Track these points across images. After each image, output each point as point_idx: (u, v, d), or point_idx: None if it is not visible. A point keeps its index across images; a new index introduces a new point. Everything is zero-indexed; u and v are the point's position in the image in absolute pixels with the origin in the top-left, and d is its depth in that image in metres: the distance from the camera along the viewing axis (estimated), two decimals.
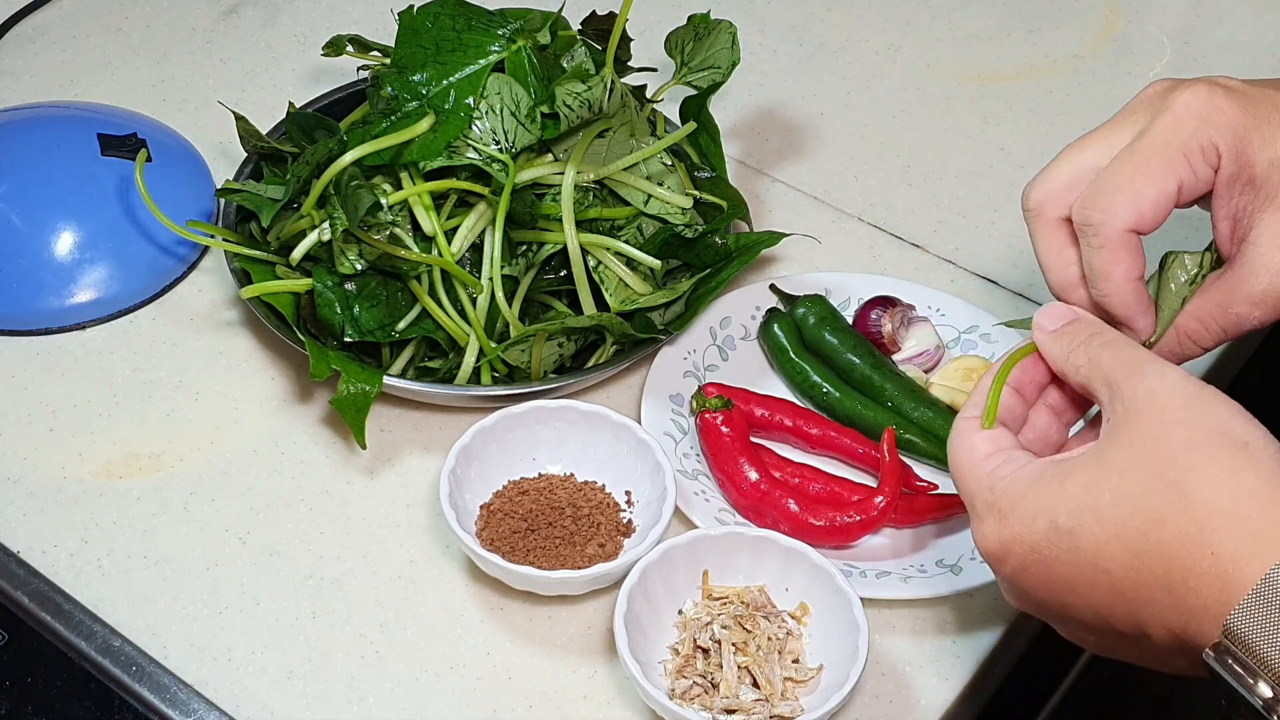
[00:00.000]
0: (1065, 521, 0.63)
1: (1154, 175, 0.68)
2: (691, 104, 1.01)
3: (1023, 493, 0.65)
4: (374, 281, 0.92)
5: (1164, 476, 0.61)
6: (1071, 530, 0.63)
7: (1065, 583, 0.64)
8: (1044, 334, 0.70)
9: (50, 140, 1.03)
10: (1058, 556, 0.63)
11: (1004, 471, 0.66)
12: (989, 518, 0.66)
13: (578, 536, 0.86)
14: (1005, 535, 0.65)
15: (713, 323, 0.98)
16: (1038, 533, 0.64)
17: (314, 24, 1.24)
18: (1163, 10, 1.28)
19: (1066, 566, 0.63)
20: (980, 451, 0.68)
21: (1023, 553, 0.64)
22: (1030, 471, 0.66)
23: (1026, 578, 0.65)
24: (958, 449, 0.69)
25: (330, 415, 0.95)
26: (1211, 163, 0.69)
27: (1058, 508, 0.63)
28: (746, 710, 0.79)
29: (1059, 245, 0.72)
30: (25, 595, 0.85)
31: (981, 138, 1.16)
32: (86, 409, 0.95)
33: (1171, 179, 0.68)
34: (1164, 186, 0.68)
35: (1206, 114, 0.68)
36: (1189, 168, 0.68)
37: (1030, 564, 0.64)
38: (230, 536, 0.88)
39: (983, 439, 0.69)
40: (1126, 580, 0.61)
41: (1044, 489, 0.64)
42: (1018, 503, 0.65)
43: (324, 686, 0.82)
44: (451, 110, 0.92)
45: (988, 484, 0.67)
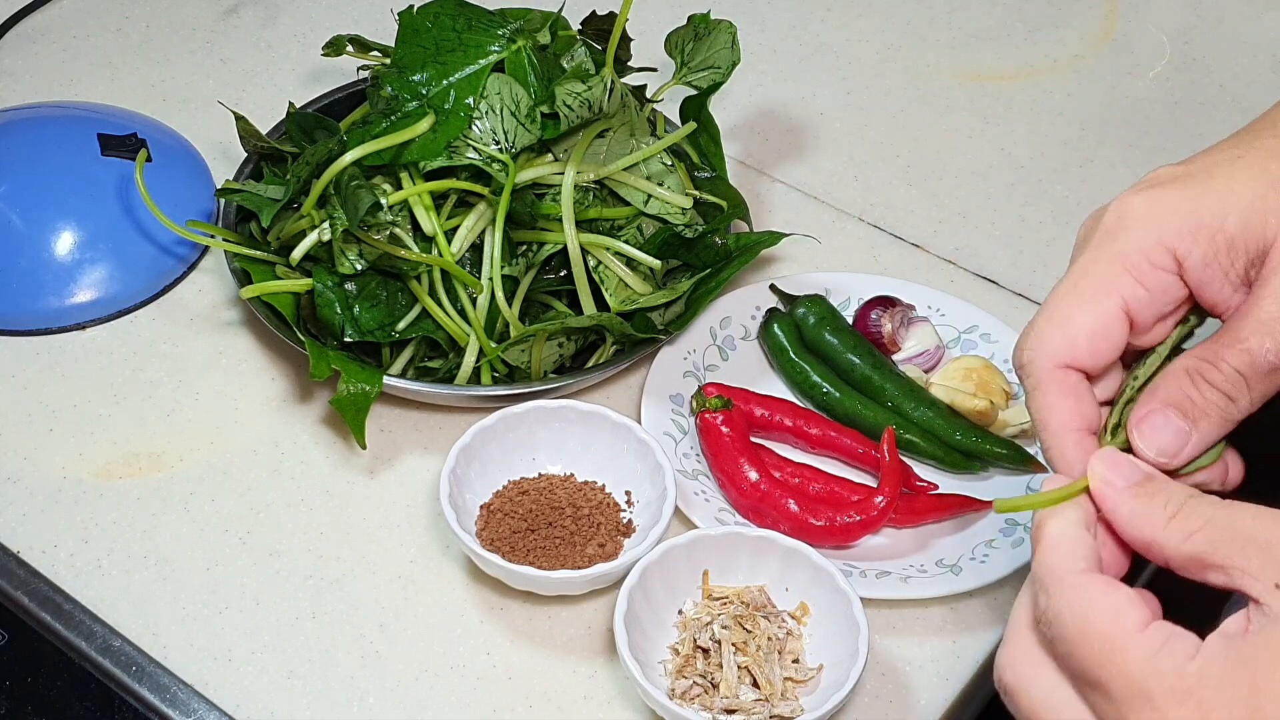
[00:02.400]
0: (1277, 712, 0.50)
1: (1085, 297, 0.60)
2: (691, 104, 1.01)
3: (1229, 681, 0.52)
4: (374, 281, 0.92)
5: None
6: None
7: None
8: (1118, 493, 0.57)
9: (50, 140, 1.03)
10: None
11: (1185, 652, 0.53)
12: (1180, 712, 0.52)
13: (578, 536, 0.86)
14: None
15: (713, 323, 0.98)
16: None
17: (314, 24, 1.24)
18: (1163, 10, 1.28)
19: None
20: (1132, 621, 0.54)
21: None
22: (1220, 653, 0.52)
23: None
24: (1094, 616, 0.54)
25: (330, 415, 0.95)
26: (1164, 265, 0.60)
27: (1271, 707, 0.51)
28: (746, 710, 0.79)
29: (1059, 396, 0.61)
30: (25, 595, 0.85)
31: (981, 138, 1.16)
32: (86, 409, 0.95)
33: (1108, 299, 0.59)
34: (1098, 309, 0.59)
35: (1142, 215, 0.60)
36: (1132, 281, 0.59)
37: None
38: (230, 536, 0.88)
39: (1127, 601, 0.54)
40: None
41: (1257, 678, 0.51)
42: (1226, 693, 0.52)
43: (324, 686, 0.82)
44: (451, 110, 0.92)
45: (1171, 669, 0.52)
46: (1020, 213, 1.10)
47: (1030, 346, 0.60)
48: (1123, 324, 0.60)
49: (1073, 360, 0.60)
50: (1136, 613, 0.54)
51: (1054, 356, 0.60)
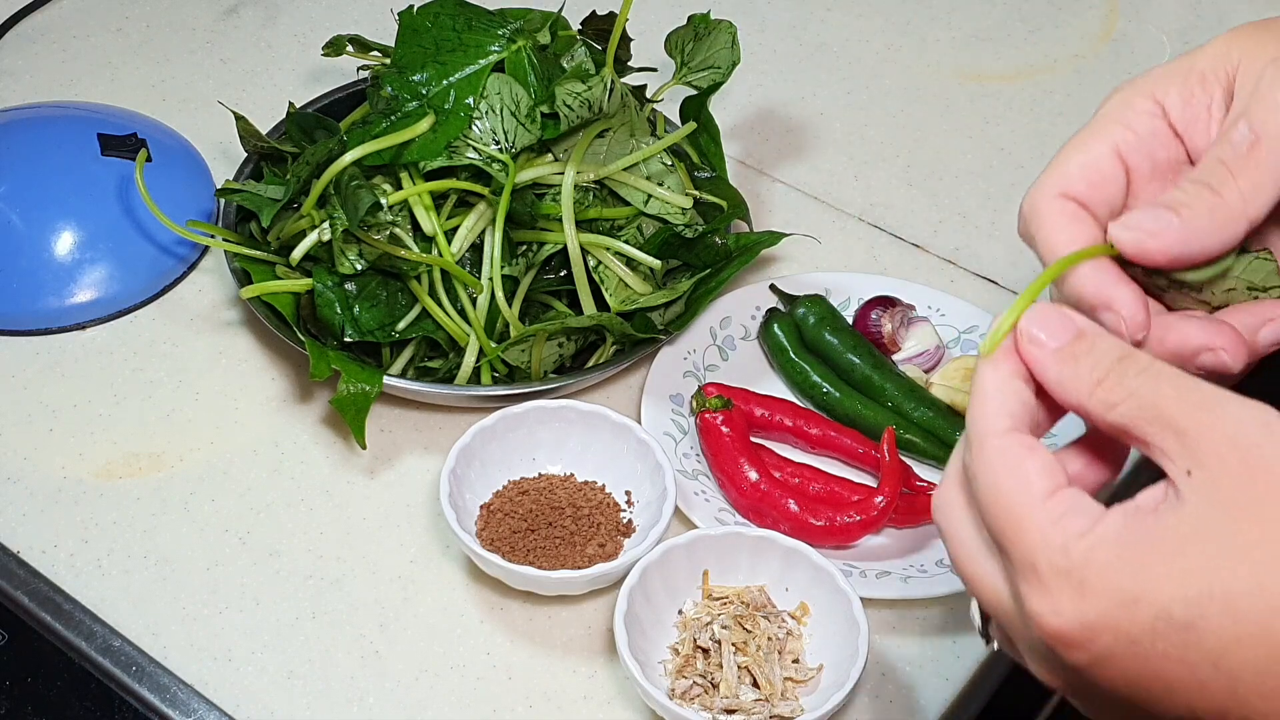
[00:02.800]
0: (1183, 612, 0.49)
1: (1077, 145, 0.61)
2: (691, 104, 1.01)
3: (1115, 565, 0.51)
4: (374, 281, 0.92)
5: None
6: (1189, 623, 0.49)
7: (1162, 680, 0.51)
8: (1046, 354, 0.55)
9: (50, 140, 1.03)
10: (1164, 653, 0.50)
11: (1077, 525, 0.52)
12: (1061, 589, 0.51)
13: (578, 536, 0.86)
14: (1088, 617, 0.51)
15: (713, 323, 0.98)
16: (1138, 621, 0.50)
17: (314, 24, 1.24)
18: (1163, 10, 1.28)
19: (1174, 664, 0.50)
20: (1037, 488, 0.53)
21: (1111, 642, 0.51)
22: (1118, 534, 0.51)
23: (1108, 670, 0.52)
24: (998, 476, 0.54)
25: (330, 415, 0.95)
26: (1148, 110, 0.61)
27: (1169, 592, 0.50)
28: (746, 710, 0.79)
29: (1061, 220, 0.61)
30: (25, 595, 0.85)
31: (981, 138, 1.16)
32: (86, 409, 0.95)
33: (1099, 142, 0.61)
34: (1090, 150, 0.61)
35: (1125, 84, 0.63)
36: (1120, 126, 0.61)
37: (1120, 656, 0.51)
38: (230, 536, 0.88)
39: (1036, 468, 0.53)
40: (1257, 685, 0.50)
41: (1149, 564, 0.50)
42: (1110, 578, 0.51)
43: (324, 686, 0.82)
44: (451, 110, 0.92)
45: (1058, 544, 0.51)
46: None
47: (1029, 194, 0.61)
48: (1115, 163, 0.61)
49: (1067, 189, 0.60)
50: (1044, 481, 0.53)
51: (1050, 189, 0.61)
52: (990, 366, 0.56)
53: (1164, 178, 0.62)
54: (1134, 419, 0.53)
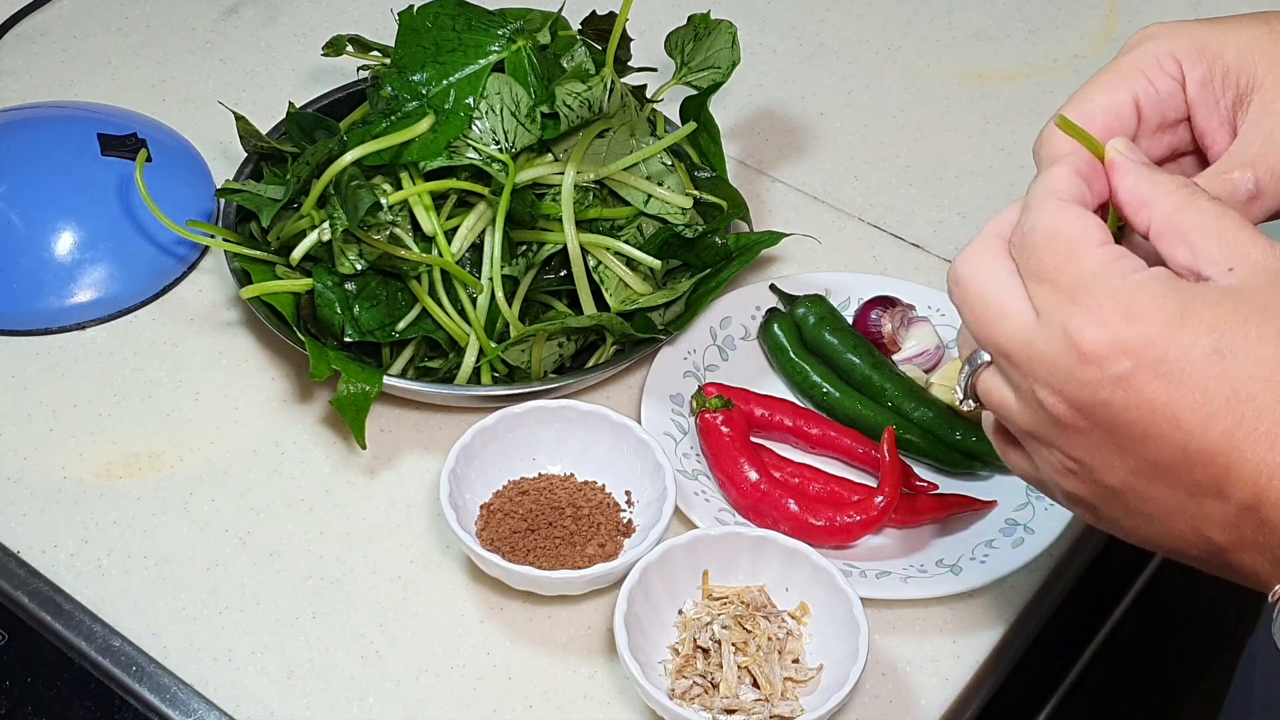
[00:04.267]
0: (1221, 342, 0.54)
1: (1104, 85, 0.66)
2: (691, 104, 1.01)
3: (1164, 294, 0.55)
4: (374, 281, 0.92)
5: None
6: (1223, 353, 0.54)
7: (1171, 409, 0.55)
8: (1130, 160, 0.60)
9: (50, 140, 1.03)
10: (1190, 375, 0.54)
11: (1132, 264, 0.56)
12: (1112, 307, 0.55)
13: (578, 536, 0.86)
14: (1129, 334, 0.55)
15: (713, 323, 0.98)
16: (1180, 343, 0.54)
17: (314, 24, 1.24)
18: (1163, 10, 1.28)
19: (1193, 391, 0.54)
20: (1096, 237, 0.57)
21: (1146, 359, 0.55)
22: (1165, 276, 0.56)
23: (1124, 391, 0.55)
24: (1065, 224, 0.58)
25: (330, 415, 0.95)
26: (1171, 72, 0.66)
27: (1216, 323, 0.54)
28: (746, 710, 0.79)
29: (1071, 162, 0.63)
30: (25, 595, 0.85)
31: (981, 138, 1.16)
32: (86, 409, 0.95)
33: (1122, 89, 0.65)
34: (1113, 94, 0.65)
35: (1160, 33, 0.67)
36: (1145, 80, 0.66)
37: (1146, 373, 0.55)
38: (230, 536, 0.88)
39: (1096, 225, 0.58)
40: (1255, 430, 0.54)
41: (1192, 298, 0.55)
42: (1159, 301, 0.55)
43: (324, 686, 0.82)
44: (451, 110, 0.92)
45: (1117, 271, 0.56)
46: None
47: (1049, 127, 0.63)
48: (1132, 112, 0.66)
49: (1086, 125, 0.64)
50: (1103, 233, 0.58)
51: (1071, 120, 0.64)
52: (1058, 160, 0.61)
53: (1164, 131, 0.68)
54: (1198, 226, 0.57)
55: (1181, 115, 0.68)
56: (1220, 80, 0.66)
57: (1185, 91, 0.67)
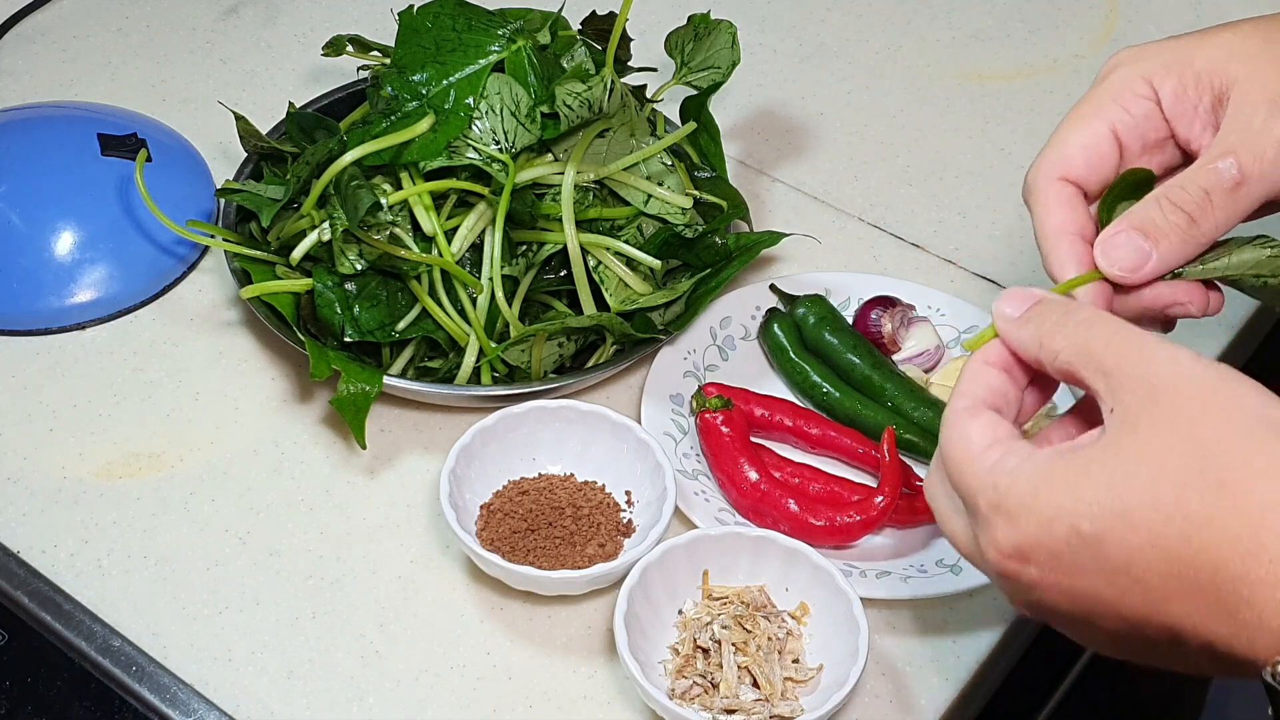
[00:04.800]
0: (1090, 527, 0.56)
1: (1078, 122, 0.68)
2: (691, 104, 1.01)
3: (1034, 492, 0.57)
4: (374, 281, 0.92)
5: (1204, 474, 0.54)
6: (1098, 536, 0.55)
7: (1090, 593, 0.57)
8: (1008, 323, 0.63)
9: (50, 140, 1.03)
10: (1082, 565, 0.56)
11: (1007, 465, 0.59)
12: (997, 521, 0.58)
13: (578, 536, 0.86)
14: (1019, 541, 0.58)
15: (713, 323, 0.98)
16: (1057, 539, 0.57)
17: (314, 24, 1.24)
18: (1163, 10, 1.28)
19: (1091, 576, 0.56)
20: (976, 443, 0.60)
21: (1040, 561, 0.58)
22: (1038, 466, 0.58)
23: (1046, 589, 0.58)
24: (951, 442, 0.61)
25: (330, 415, 0.95)
26: (1145, 94, 0.67)
27: (1078, 511, 0.56)
28: (746, 710, 0.79)
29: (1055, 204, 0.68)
30: (25, 595, 0.85)
31: (981, 138, 1.16)
32: (86, 409, 0.95)
33: (1099, 121, 0.67)
34: (1090, 129, 0.67)
35: (1128, 58, 0.68)
36: (1119, 107, 0.68)
37: (1050, 573, 0.58)
38: (230, 536, 0.88)
39: (978, 428, 0.61)
40: (1164, 589, 0.55)
41: (1059, 488, 0.57)
42: (1030, 504, 0.57)
43: (324, 686, 0.82)
44: (451, 110, 0.92)
45: (990, 482, 0.59)
46: (1020, 213, 1.09)
47: (1033, 169, 0.67)
48: (1111, 143, 0.67)
49: (1067, 173, 0.67)
50: (983, 436, 0.60)
51: (1052, 171, 0.67)
52: (969, 361, 0.64)
53: (1151, 153, 0.69)
54: (1073, 364, 0.60)
55: (1164, 134, 0.69)
56: (1193, 87, 0.67)
57: (1161, 109, 0.68)
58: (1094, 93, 0.69)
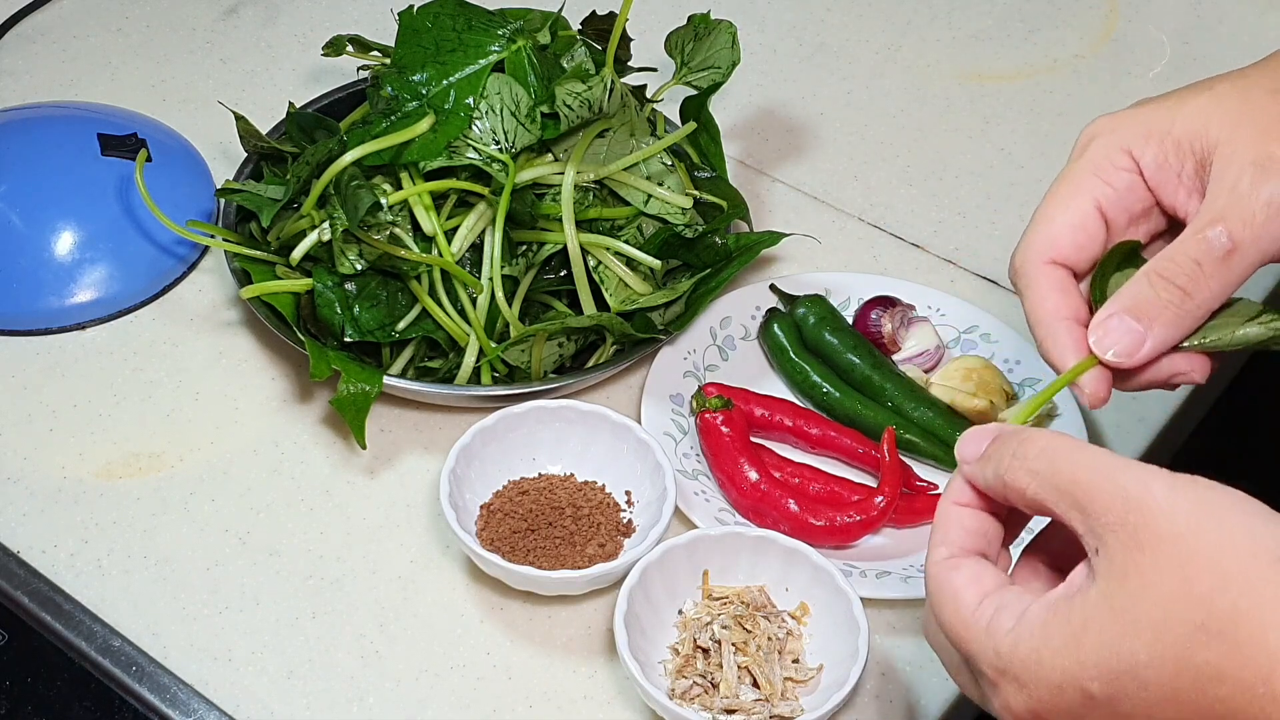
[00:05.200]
0: (1101, 690, 0.55)
1: (1062, 200, 0.67)
2: (691, 104, 1.01)
3: (1037, 658, 0.56)
4: (374, 281, 0.92)
5: (1209, 627, 0.52)
6: (1110, 698, 0.54)
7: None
8: (970, 466, 0.61)
9: (50, 140, 1.03)
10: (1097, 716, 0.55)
11: (1003, 624, 0.57)
12: (1007, 686, 0.57)
13: (578, 536, 0.86)
14: (1033, 706, 0.57)
15: (713, 323, 0.98)
16: (1071, 702, 0.55)
17: (314, 24, 1.24)
18: (1163, 10, 1.28)
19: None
20: (965, 601, 0.59)
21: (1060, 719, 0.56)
22: (1034, 627, 0.57)
23: None
24: (941, 603, 0.60)
25: (330, 415, 0.95)
26: (1125, 166, 0.67)
27: (1086, 674, 0.55)
28: (746, 710, 0.79)
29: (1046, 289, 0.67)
30: (25, 595, 0.85)
31: (981, 138, 1.16)
32: (86, 409, 0.95)
33: (1082, 198, 0.67)
34: (1074, 207, 0.67)
35: (1105, 127, 0.67)
36: (1101, 182, 0.67)
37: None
38: (230, 536, 0.88)
39: (963, 583, 0.59)
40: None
41: (1061, 652, 0.56)
42: (1035, 670, 0.56)
43: (324, 686, 0.82)
44: (451, 110, 0.92)
45: (990, 646, 0.57)
46: (1020, 213, 1.09)
47: (1020, 251, 0.67)
48: (1098, 220, 0.66)
49: (1056, 255, 0.66)
50: (971, 592, 0.59)
51: (1041, 254, 0.66)
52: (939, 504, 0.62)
53: (1137, 223, 0.68)
54: (1043, 499, 0.58)
55: (1148, 204, 0.68)
56: (1174, 154, 0.66)
57: (1144, 179, 0.67)
58: (1074, 168, 0.68)
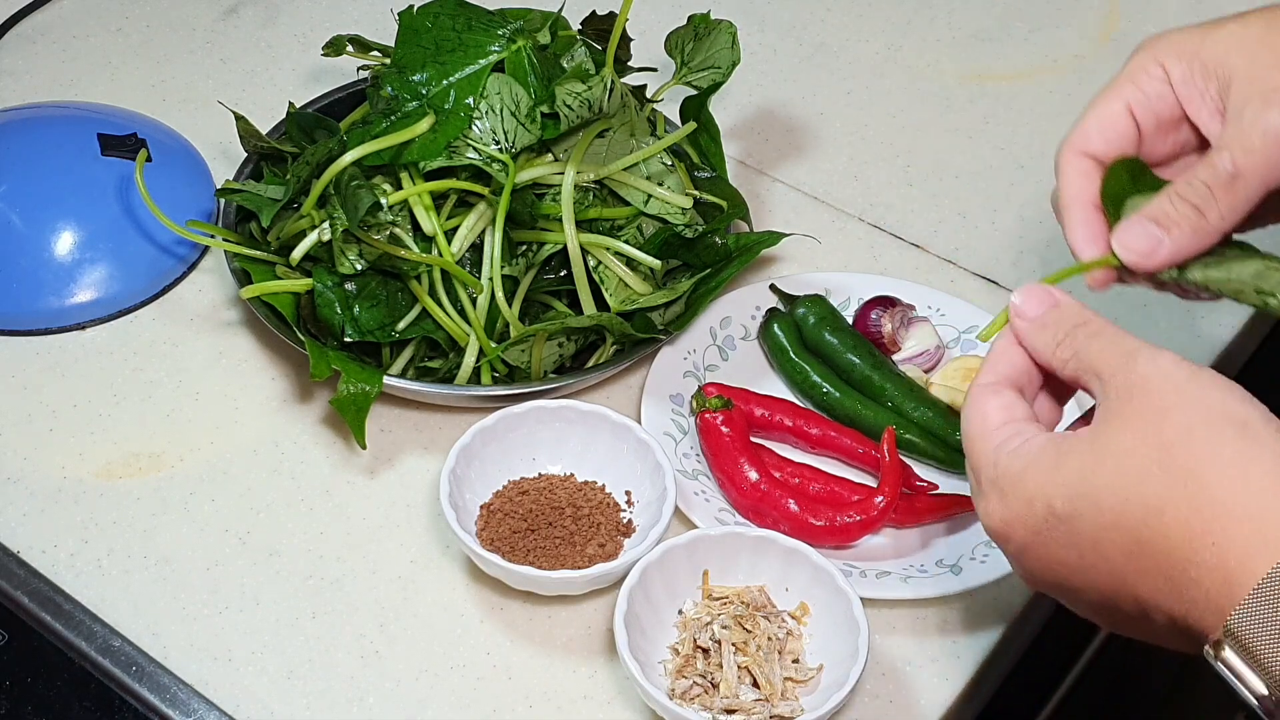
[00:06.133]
0: (1062, 507, 0.62)
1: (1098, 102, 0.73)
2: (691, 104, 1.01)
3: (1021, 473, 0.64)
4: (374, 281, 0.92)
5: (1163, 464, 0.60)
6: (1069, 515, 0.62)
7: (1066, 565, 0.63)
8: (1025, 322, 0.69)
9: (50, 140, 1.03)
10: (1056, 540, 0.63)
11: (1010, 445, 0.65)
12: (992, 495, 0.65)
13: (578, 536, 0.86)
14: (1006, 515, 0.64)
15: (713, 323, 0.98)
16: (1036, 515, 0.63)
17: (314, 24, 1.24)
18: (1163, 10, 1.28)
19: (1066, 550, 0.62)
20: (992, 421, 0.66)
21: (1023, 534, 0.64)
22: (1030, 449, 0.64)
23: (1029, 558, 0.65)
24: (970, 416, 0.67)
25: (330, 415, 0.95)
26: (1156, 75, 0.72)
27: (1054, 492, 0.62)
28: (746, 710, 0.79)
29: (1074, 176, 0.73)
30: (25, 595, 0.85)
31: (981, 138, 1.16)
32: (86, 409, 0.95)
33: (1115, 100, 0.73)
34: (1108, 107, 0.73)
35: (1148, 44, 0.74)
36: (1134, 87, 0.73)
37: (1031, 545, 0.64)
38: (230, 536, 0.88)
39: (995, 406, 0.67)
40: (1127, 567, 0.61)
41: (1041, 471, 0.63)
42: (1016, 483, 0.64)
43: (324, 686, 0.82)
44: (451, 110, 0.92)
45: (992, 459, 0.65)
46: (1020, 213, 1.10)
47: (1061, 146, 0.73)
48: (1128, 119, 0.73)
49: (1085, 146, 0.72)
50: (999, 415, 0.66)
51: (1075, 146, 0.73)
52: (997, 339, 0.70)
53: (1166, 132, 0.74)
54: (1078, 370, 0.66)
55: (1177, 114, 0.74)
56: (1200, 75, 0.72)
57: (1173, 90, 0.73)
58: (1116, 77, 0.74)
